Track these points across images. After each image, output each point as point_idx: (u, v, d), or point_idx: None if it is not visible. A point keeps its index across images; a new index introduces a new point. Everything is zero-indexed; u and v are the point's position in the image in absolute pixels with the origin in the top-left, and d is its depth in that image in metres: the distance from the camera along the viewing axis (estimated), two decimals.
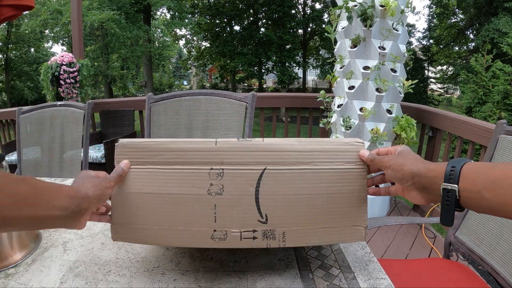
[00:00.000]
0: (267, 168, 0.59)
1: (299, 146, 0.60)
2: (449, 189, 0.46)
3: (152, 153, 0.60)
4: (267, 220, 0.59)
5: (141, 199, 0.60)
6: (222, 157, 0.59)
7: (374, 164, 0.59)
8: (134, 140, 0.61)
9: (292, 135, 7.12)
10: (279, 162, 0.59)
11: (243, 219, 0.59)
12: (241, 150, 0.59)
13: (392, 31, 2.20)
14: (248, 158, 0.59)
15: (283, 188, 0.59)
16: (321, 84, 23.13)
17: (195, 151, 0.59)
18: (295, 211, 0.60)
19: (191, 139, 0.61)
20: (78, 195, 0.52)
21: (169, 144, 0.60)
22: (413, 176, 0.51)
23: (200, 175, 0.59)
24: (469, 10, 14.57)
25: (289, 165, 0.59)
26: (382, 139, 2.27)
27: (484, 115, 5.24)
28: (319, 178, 0.60)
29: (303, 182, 0.59)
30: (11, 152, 3.37)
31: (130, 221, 0.61)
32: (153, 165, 0.60)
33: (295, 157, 0.60)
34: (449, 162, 0.48)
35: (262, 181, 0.59)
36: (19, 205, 0.43)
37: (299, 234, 0.60)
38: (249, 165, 0.59)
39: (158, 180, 0.60)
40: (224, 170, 0.59)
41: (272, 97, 3.20)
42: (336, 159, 0.60)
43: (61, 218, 0.50)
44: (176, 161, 0.59)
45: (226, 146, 0.59)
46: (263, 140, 0.61)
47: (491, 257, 1.03)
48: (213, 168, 0.59)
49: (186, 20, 15.54)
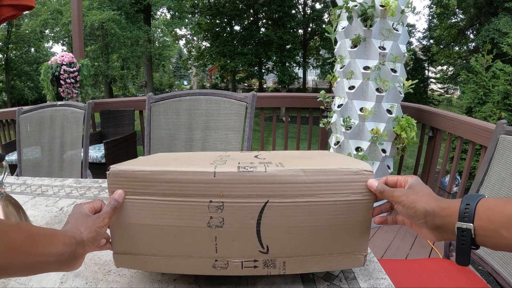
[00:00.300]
0: (269, 201, 0.56)
1: (304, 177, 0.56)
2: (464, 228, 0.45)
3: (147, 184, 0.56)
4: (268, 251, 0.58)
5: (140, 230, 0.58)
6: (222, 189, 0.55)
7: (383, 196, 0.57)
8: (127, 169, 0.57)
9: (292, 135, 7.13)
10: (282, 194, 0.56)
11: (244, 250, 0.58)
12: (242, 182, 0.55)
13: (392, 31, 2.20)
14: (249, 190, 0.55)
15: (285, 220, 0.57)
16: (321, 84, 23.12)
17: (192, 183, 0.55)
18: (296, 242, 0.58)
19: (187, 169, 0.56)
20: (72, 241, 0.51)
21: (163, 175, 0.56)
22: (425, 215, 0.49)
23: (199, 208, 0.56)
24: (469, 10, 14.56)
25: (293, 197, 0.56)
26: (382, 139, 2.27)
27: (484, 115, 5.24)
28: (323, 210, 0.57)
29: (306, 214, 0.57)
30: (11, 152, 3.37)
31: (131, 250, 0.59)
32: (149, 196, 0.56)
33: (299, 189, 0.56)
34: (463, 199, 0.46)
35: (264, 214, 0.56)
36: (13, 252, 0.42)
37: (299, 263, 0.60)
38: (251, 198, 0.56)
39: (155, 212, 0.57)
40: (224, 203, 0.56)
41: (272, 97, 3.19)
42: (342, 190, 0.57)
43: (56, 263, 0.49)
44: (172, 193, 0.56)
45: (225, 178, 0.55)
46: (266, 170, 0.56)
47: (491, 257, 1.03)
48: (212, 201, 0.56)
49: (186, 20, 15.55)
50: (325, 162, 0.63)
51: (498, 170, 1.09)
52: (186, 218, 0.56)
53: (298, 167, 0.57)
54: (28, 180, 1.22)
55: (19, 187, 1.14)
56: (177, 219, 0.56)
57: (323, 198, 0.56)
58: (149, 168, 0.56)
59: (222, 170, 0.55)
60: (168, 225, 0.57)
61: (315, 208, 0.57)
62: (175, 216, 0.56)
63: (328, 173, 0.56)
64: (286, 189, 0.56)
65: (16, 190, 1.12)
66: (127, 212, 0.57)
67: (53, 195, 1.06)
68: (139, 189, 0.56)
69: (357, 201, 0.57)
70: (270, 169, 0.56)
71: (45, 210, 0.95)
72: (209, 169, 0.55)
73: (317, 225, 0.58)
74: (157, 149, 1.54)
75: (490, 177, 1.11)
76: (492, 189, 1.10)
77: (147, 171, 0.56)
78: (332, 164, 0.60)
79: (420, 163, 2.92)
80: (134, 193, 0.56)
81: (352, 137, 2.41)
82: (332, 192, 0.57)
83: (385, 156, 2.35)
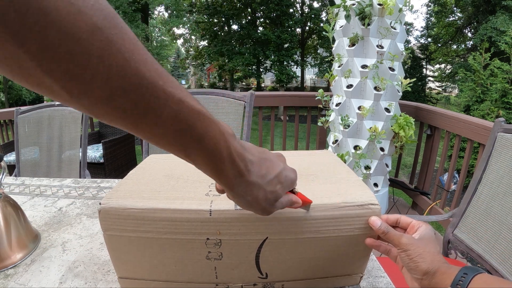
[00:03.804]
0: (268, 237, 0.54)
1: (306, 214, 0.53)
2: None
3: (139, 222, 0.53)
4: (267, 277, 0.59)
5: (139, 260, 0.57)
6: (219, 228, 0.53)
7: (387, 238, 0.53)
8: (118, 206, 0.53)
9: (290, 134, 7.12)
10: (282, 231, 0.54)
11: (244, 276, 0.58)
12: (240, 221, 0.53)
13: (390, 30, 2.20)
14: (248, 229, 0.53)
15: (285, 253, 0.56)
16: (319, 83, 23.14)
17: (187, 221, 0.53)
18: (295, 270, 0.58)
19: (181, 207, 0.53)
20: None
21: (156, 213, 0.52)
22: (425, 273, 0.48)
23: (196, 243, 0.54)
24: (467, 9, 14.58)
25: (294, 234, 0.54)
26: (380, 137, 2.28)
27: (482, 113, 5.25)
28: (324, 243, 0.55)
29: (307, 248, 0.56)
30: (10, 153, 3.36)
31: (133, 275, 0.60)
32: (143, 233, 0.54)
33: (300, 225, 0.53)
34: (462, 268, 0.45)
35: (263, 248, 0.55)
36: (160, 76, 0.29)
37: (298, 285, 0.60)
38: (249, 235, 0.54)
39: (152, 247, 0.55)
40: (222, 240, 0.54)
41: (271, 96, 3.19)
42: (346, 225, 0.54)
43: None
44: (167, 231, 0.53)
45: (222, 216, 0.52)
46: None
47: (490, 255, 1.03)
48: (210, 238, 0.54)
49: (184, 18, 15.52)
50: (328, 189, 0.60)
51: (496, 168, 1.09)
52: (183, 252, 0.55)
53: None
54: (26, 180, 1.22)
55: (18, 188, 1.14)
56: (175, 253, 0.55)
57: (326, 234, 0.54)
58: (141, 205, 0.53)
59: (218, 208, 0.53)
60: (166, 257, 0.56)
61: (317, 242, 0.55)
62: (172, 251, 0.55)
63: (331, 209, 0.54)
64: (287, 226, 0.53)
65: (14, 191, 1.11)
66: (123, 246, 0.56)
67: (51, 196, 1.06)
68: (131, 226, 0.54)
69: (361, 235, 0.55)
70: None
71: (44, 211, 0.95)
72: (204, 207, 0.53)
73: (317, 257, 0.57)
74: (156, 149, 1.54)
75: (488, 175, 1.12)
76: (490, 187, 1.10)
77: (138, 209, 0.53)
78: (336, 195, 0.56)
79: (418, 161, 2.93)
80: (127, 231, 0.54)
81: (350, 135, 2.41)
82: (336, 227, 0.54)
83: (383, 154, 2.36)
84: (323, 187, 0.60)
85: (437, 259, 0.49)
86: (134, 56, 0.26)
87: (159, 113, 0.29)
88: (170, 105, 0.29)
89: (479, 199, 1.13)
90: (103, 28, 0.24)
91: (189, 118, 0.31)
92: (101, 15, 0.24)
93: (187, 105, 0.30)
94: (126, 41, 0.26)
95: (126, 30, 0.26)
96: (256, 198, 0.40)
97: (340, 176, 0.65)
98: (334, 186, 0.60)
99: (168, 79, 0.29)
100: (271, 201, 0.42)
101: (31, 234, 0.77)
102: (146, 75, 0.27)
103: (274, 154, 0.44)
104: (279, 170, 0.42)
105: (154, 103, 0.28)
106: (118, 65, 0.25)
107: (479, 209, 1.13)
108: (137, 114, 0.28)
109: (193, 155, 0.34)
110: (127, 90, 0.26)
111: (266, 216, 0.50)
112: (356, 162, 2.39)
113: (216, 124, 0.33)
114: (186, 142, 0.32)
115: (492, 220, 1.06)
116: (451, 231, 1.21)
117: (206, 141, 0.32)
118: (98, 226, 0.85)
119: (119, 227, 0.54)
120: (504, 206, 1.03)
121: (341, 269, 0.60)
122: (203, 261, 0.56)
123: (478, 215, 1.12)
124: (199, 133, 0.32)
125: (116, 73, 0.25)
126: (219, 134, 0.33)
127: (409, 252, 0.50)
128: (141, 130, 0.30)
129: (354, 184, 0.62)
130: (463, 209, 1.18)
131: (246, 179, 0.38)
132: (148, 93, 0.27)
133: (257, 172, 0.39)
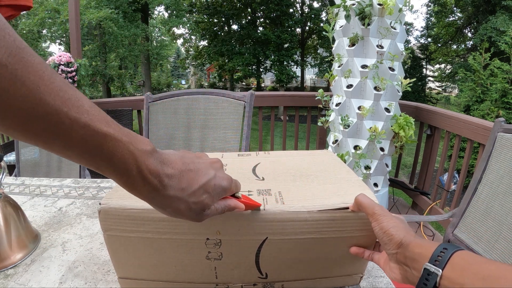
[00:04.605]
0: (268, 238, 0.54)
1: (306, 215, 0.53)
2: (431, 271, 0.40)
3: (139, 222, 0.53)
4: (267, 277, 0.59)
5: (139, 260, 0.58)
6: (218, 228, 0.53)
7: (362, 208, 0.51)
8: (118, 207, 0.53)
9: (290, 134, 7.12)
10: (282, 232, 0.54)
11: (244, 276, 0.59)
12: (239, 220, 0.53)
13: (390, 30, 2.20)
14: (247, 229, 0.53)
15: (285, 252, 0.56)
16: (319, 83, 23.14)
17: (187, 221, 0.52)
18: (295, 270, 0.59)
19: None
20: None
21: (156, 213, 0.50)
22: (400, 245, 0.46)
23: (196, 243, 0.54)
24: (467, 9, 14.59)
25: (293, 234, 0.54)
26: (380, 137, 2.28)
27: (482, 113, 5.25)
28: (324, 244, 0.56)
29: (306, 248, 0.56)
30: (10, 153, 3.36)
31: (134, 276, 0.60)
32: (143, 233, 0.54)
33: (300, 226, 0.53)
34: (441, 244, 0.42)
35: (263, 248, 0.55)
36: None
37: (298, 285, 0.61)
38: (249, 235, 0.54)
39: (152, 247, 0.56)
40: (221, 240, 0.54)
41: (270, 96, 3.19)
42: (347, 227, 0.54)
43: None
44: (167, 231, 0.54)
45: (221, 216, 0.51)
46: (264, 208, 0.53)
47: (490, 254, 1.03)
48: (209, 238, 0.54)
49: (184, 18, 15.53)
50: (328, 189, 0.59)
51: (496, 168, 1.09)
52: (183, 252, 0.56)
53: (299, 204, 0.54)
54: (26, 180, 1.22)
55: (18, 188, 1.14)
56: (174, 253, 0.56)
57: (326, 235, 0.54)
58: (141, 205, 0.52)
59: None
60: (166, 257, 0.56)
61: (317, 243, 0.55)
62: (172, 251, 0.55)
63: (332, 210, 0.53)
64: (287, 227, 0.53)
65: (14, 191, 1.11)
66: (123, 247, 0.56)
67: (51, 195, 1.06)
68: (131, 227, 0.54)
69: (361, 236, 0.55)
70: (270, 206, 0.53)
71: (44, 211, 0.95)
72: None
73: (317, 257, 0.57)
74: None
75: (488, 175, 1.12)
76: (490, 187, 1.10)
77: (138, 209, 0.53)
78: (336, 195, 0.56)
79: (418, 161, 2.93)
80: (127, 231, 0.54)
81: (350, 135, 2.41)
82: (336, 229, 0.54)
83: (383, 154, 2.36)
84: (323, 187, 0.60)
85: (411, 234, 0.47)
86: (39, 87, 0.29)
87: (68, 137, 0.32)
88: (76, 130, 0.32)
89: (479, 199, 1.13)
90: (8, 65, 0.26)
91: (96, 141, 0.33)
92: (6, 52, 0.26)
93: (93, 129, 0.33)
94: (31, 73, 0.28)
95: (33, 62, 0.29)
96: (177, 210, 0.41)
97: (340, 176, 0.65)
98: (334, 186, 0.60)
99: (74, 105, 0.31)
100: (197, 210, 0.43)
101: (31, 234, 0.77)
102: (50, 104, 0.29)
103: (206, 163, 0.45)
104: (205, 181, 0.42)
105: (61, 128, 0.31)
106: (23, 96, 0.28)
107: (479, 209, 1.13)
108: (48, 138, 0.31)
109: (106, 173, 0.36)
110: (33, 118, 0.29)
111: (266, 217, 0.51)
112: (356, 162, 2.39)
113: (124, 144, 0.35)
114: (97, 162, 0.35)
115: (492, 220, 1.06)
116: (451, 231, 1.21)
117: (115, 161, 0.35)
118: (98, 226, 0.85)
119: (119, 227, 0.54)
120: (504, 206, 1.03)
121: (341, 269, 0.61)
122: (203, 261, 0.56)
123: (478, 215, 1.12)
124: (107, 154, 0.34)
125: (21, 104, 0.28)
126: (128, 154, 0.35)
127: (383, 224, 0.48)
128: (56, 151, 0.33)
129: (354, 184, 0.62)
130: (463, 209, 1.18)
131: (162, 193, 0.39)
132: (54, 119, 0.30)
133: (176, 186, 0.40)
